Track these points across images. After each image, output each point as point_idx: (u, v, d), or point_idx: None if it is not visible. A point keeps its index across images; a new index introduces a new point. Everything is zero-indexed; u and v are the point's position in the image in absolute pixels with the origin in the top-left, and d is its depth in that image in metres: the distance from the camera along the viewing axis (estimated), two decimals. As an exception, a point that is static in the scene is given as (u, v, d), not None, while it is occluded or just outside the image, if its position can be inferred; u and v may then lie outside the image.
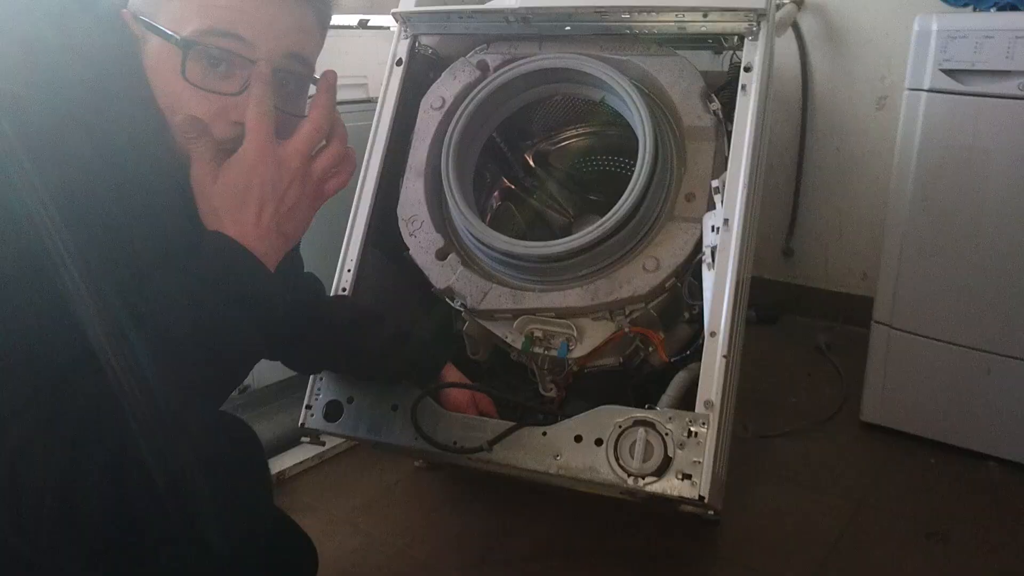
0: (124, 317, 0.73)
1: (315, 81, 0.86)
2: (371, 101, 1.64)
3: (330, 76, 0.86)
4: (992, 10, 1.47)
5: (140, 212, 0.75)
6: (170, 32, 0.77)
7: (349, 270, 1.31)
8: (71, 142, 0.72)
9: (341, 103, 1.72)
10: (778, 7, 2.05)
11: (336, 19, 1.79)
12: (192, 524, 0.84)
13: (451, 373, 1.26)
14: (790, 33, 2.16)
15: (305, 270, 1.18)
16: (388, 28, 1.75)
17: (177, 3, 0.78)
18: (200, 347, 0.74)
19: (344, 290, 1.30)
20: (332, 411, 1.22)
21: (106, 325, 0.72)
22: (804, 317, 2.35)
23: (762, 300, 2.34)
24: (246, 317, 0.78)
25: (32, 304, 0.69)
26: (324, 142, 0.85)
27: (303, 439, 1.32)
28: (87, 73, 0.76)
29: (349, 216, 1.34)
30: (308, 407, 1.23)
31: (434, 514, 1.46)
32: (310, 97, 0.86)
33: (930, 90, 1.48)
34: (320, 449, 1.57)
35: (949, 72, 1.45)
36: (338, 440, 1.58)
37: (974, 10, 1.52)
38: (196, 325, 0.75)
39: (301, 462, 1.57)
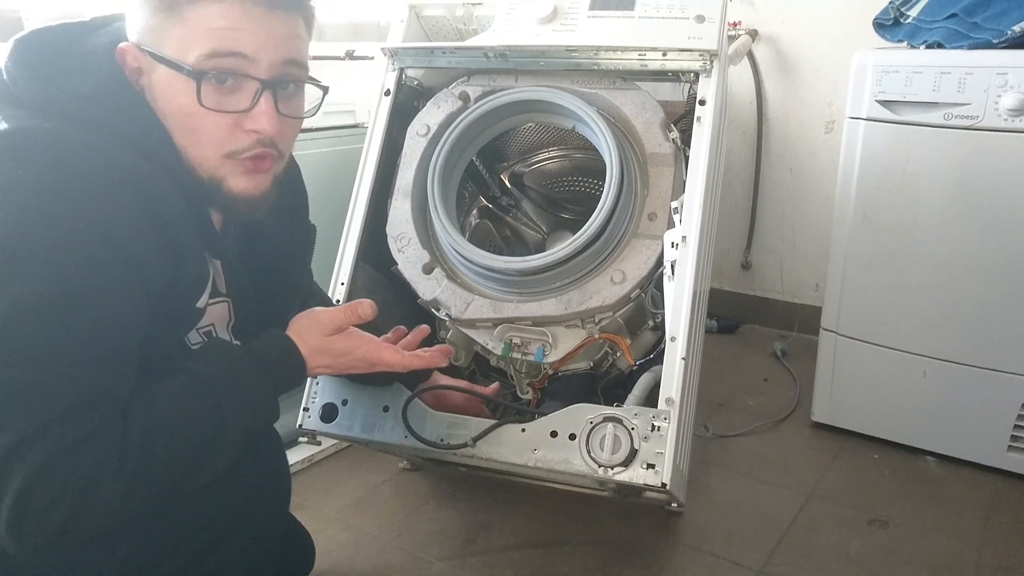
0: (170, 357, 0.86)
1: (312, 80, 0.94)
2: (359, 126, 1.72)
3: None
4: (922, 47, 1.57)
5: (162, 236, 0.82)
6: (180, 63, 0.83)
7: (342, 283, 1.36)
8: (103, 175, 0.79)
9: (332, 128, 1.80)
10: (734, 38, 2.18)
11: (323, 49, 1.88)
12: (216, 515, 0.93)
13: (437, 377, 1.32)
14: (746, 62, 2.25)
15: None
16: (372, 58, 1.82)
17: (180, 31, 0.83)
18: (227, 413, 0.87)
19: (338, 302, 1.35)
20: (328, 413, 1.28)
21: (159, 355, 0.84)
22: (762, 326, 2.45)
23: (723, 311, 2.45)
24: (273, 393, 0.94)
25: (113, 314, 0.78)
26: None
27: (301, 439, 1.39)
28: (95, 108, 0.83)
29: (342, 234, 1.40)
30: (306, 409, 1.29)
31: (418, 511, 1.52)
32: (318, 107, 0.97)
33: (868, 119, 1.58)
34: (312, 452, 1.63)
35: (884, 103, 1.56)
36: (331, 442, 1.65)
37: (908, 46, 1.62)
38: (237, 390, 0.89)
39: (292, 464, 1.63)
